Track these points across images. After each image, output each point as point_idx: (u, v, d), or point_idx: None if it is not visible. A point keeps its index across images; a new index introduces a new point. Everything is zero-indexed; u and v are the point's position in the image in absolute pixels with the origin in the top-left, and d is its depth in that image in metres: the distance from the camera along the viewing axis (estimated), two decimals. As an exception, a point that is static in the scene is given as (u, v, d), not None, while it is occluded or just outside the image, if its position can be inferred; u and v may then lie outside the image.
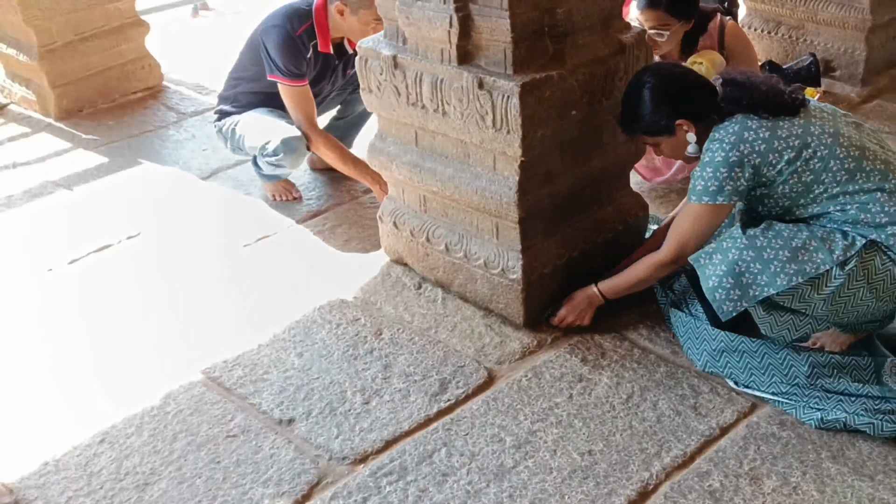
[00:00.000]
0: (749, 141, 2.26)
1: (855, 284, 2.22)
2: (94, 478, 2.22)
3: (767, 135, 2.26)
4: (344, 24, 3.25)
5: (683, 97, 2.40)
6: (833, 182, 2.25)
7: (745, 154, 2.26)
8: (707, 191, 2.31)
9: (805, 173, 2.26)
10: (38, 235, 3.44)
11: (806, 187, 2.27)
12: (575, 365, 2.50)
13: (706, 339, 2.48)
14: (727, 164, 2.26)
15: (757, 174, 2.27)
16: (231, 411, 2.41)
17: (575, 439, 2.24)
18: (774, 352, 2.39)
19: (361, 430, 2.31)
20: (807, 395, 2.31)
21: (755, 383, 2.37)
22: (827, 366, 2.35)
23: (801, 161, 2.25)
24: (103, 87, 4.64)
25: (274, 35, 3.26)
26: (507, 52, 2.35)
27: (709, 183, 2.30)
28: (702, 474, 2.12)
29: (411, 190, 2.82)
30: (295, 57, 3.26)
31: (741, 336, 2.43)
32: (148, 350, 2.71)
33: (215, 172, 3.87)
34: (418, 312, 2.78)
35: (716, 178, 2.29)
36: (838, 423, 2.23)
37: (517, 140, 2.36)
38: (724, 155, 2.27)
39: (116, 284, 3.07)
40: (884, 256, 2.22)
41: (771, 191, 2.31)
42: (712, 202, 2.31)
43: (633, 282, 2.57)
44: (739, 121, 2.30)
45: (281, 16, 3.29)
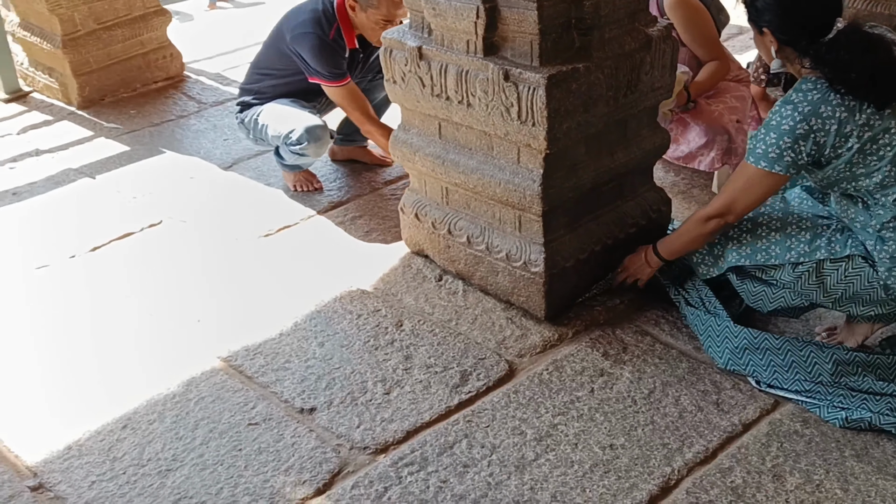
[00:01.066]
0: (823, 116, 2.13)
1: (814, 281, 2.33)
2: (117, 462, 2.24)
3: (844, 116, 2.12)
4: (356, 19, 3.26)
5: (781, 8, 2.19)
6: (879, 184, 2.19)
7: (815, 129, 2.14)
8: (766, 156, 2.21)
9: (858, 166, 2.18)
10: (61, 222, 3.46)
11: (852, 177, 2.21)
12: (596, 359, 2.50)
13: (728, 336, 2.46)
14: (793, 135, 2.15)
15: (819, 152, 2.17)
16: (253, 399, 2.42)
17: (596, 433, 2.24)
18: (798, 349, 2.37)
19: (383, 420, 2.32)
20: (831, 393, 2.30)
21: (778, 381, 2.36)
22: (851, 363, 2.33)
23: (862, 154, 2.16)
24: (125, 76, 4.67)
25: (308, 43, 3.26)
26: (533, 44, 2.35)
27: (769, 149, 2.20)
28: (724, 470, 2.11)
29: (433, 182, 2.82)
30: (334, 59, 3.30)
31: (764, 333, 2.42)
32: (169, 337, 2.72)
33: (236, 162, 3.88)
34: (439, 304, 2.78)
35: (778, 145, 2.18)
36: (863, 422, 2.21)
37: (542, 132, 2.36)
38: (793, 124, 2.15)
39: (138, 272, 3.09)
40: (873, 273, 2.24)
41: (819, 170, 2.24)
42: (769, 169, 2.22)
43: (685, 238, 2.52)
44: (823, 91, 2.14)
45: (310, 22, 3.28)
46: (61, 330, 2.80)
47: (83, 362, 2.64)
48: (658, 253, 2.61)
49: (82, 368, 2.61)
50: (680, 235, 2.55)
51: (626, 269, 2.71)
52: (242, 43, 5.37)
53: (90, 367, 2.61)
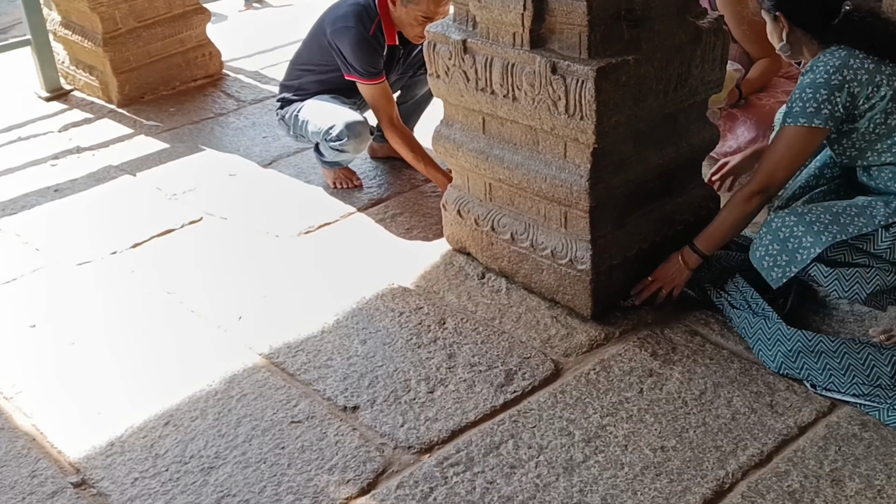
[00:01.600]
0: (853, 68, 2.27)
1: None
2: (160, 459, 2.22)
3: (872, 66, 2.28)
4: (395, 14, 3.23)
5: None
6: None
7: (847, 80, 2.26)
8: (805, 112, 2.29)
9: (892, 116, 2.29)
10: (102, 219, 3.47)
11: (888, 130, 2.30)
12: (645, 359, 2.44)
13: (780, 339, 2.38)
14: (829, 86, 2.26)
15: (853, 103, 2.28)
16: (295, 397, 2.39)
17: (646, 435, 2.18)
18: (855, 351, 2.29)
19: (427, 419, 2.28)
20: (891, 396, 2.22)
21: (835, 384, 2.28)
22: None
23: (893, 102, 2.27)
24: (165, 74, 4.68)
25: (348, 37, 3.24)
26: (581, 35, 2.30)
27: (807, 104, 2.28)
28: (780, 474, 2.05)
29: (477, 178, 2.78)
30: (372, 56, 3.26)
31: (819, 335, 2.34)
32: (210, 334, 2.71)
33: (276, 160, 3.87)
34: (482, 302, 2.74)
35: (816, 99, 2.27)
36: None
37: (591, 126, 2.30)
38: (826, 77, 2.27)
39: (178, 268, 3.08)
40: None
41: (857, 125, 2.32)
42: (809, 124, 2.29)
43: (728, 224, 2.49)
44: (847, 49, 2.30)
45: (351, 16, 3.26)
46: (102, 326, 2.80)
47: (124, 359, 2.63)
48: (697, 249, 2.53)
49: (124, 365, 2.60)
50: (721, 223, 2.51)
51: (656, 281, 2.59)
52: (280, 41, 5.37)
53: (132, 364, 2.60)
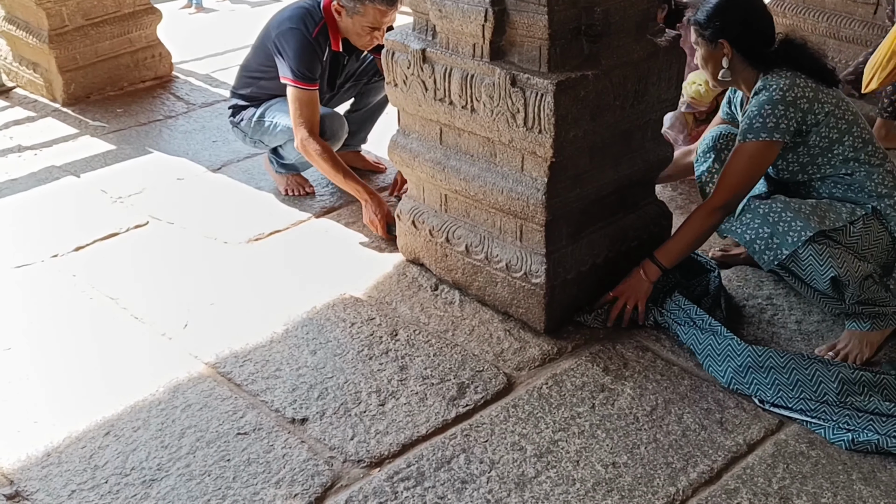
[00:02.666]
0: (801, 86, 2.43)
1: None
2: (99, 471, 2.14)
3: (814, 85, 2.46)
4: (342, 24, 3.20)
5: (740, 21, 2.51)
6: (851, 147, 2.46)
7: (798, 97, 2.42)
8: (765, 127, 2.41)
9: (833, 130, 2.45)
10: (43, 221, 3.35)
11: (830, 143, 2.46)
12: (597, 374, 2.43)
13: (730, 355, 2.41)
14: (784, 102, 2.41)
15: (804, 118, 2.43)
16: (242, 408, 2.33)
17: (598, 450, 2.17)
18: (803, 367, 2.33)
19: (377, 432, 2.24)
20: (836, 413, 2.25)
21: (783, 400, 2.31)
22: (857, 383, 2.29)
23: (834, 118, 2.44)
24: (113, 74, 4.57)
25: (291, 38, 3.19)
26: (542, 49, 2.29)
27: (767, 119, 2.41)
28: (730, 492, 2.05)
29: (432, 188, 2.75)
30: (311, 60, 3.19)
31: (769, 350, 2.37)
32: (154, 341, 2.63)
33: (225, 164, 3.80)
34: (435, 314, 2.71)
35: (774, 114, 2.41)
36: (870, 444, 2.17)
37: (549, 140, 2.30)
38: (781, 93, 2.41)
39: (122, 273, 2.99)
40: (879, 225, 2.44)
41: (806, 139, 2.46)
42: (769, 138, 2.42)
43: (690, 237, 2.57)
44: (790, 72, 2.47)
45: (296, 18, 3.22)
46: (41, 332, 2.70)
47: (64, 366, 2.54)
48: (658, 262, 2.58)
49: (63, 372, 2.51)
50: (682, 237, 2.58)
51: (621, 295, 2.61)
52: (233, 44, 5.30)
53: (71, 371, 2.51)
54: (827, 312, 2.61)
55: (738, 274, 2.86)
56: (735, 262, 2.93)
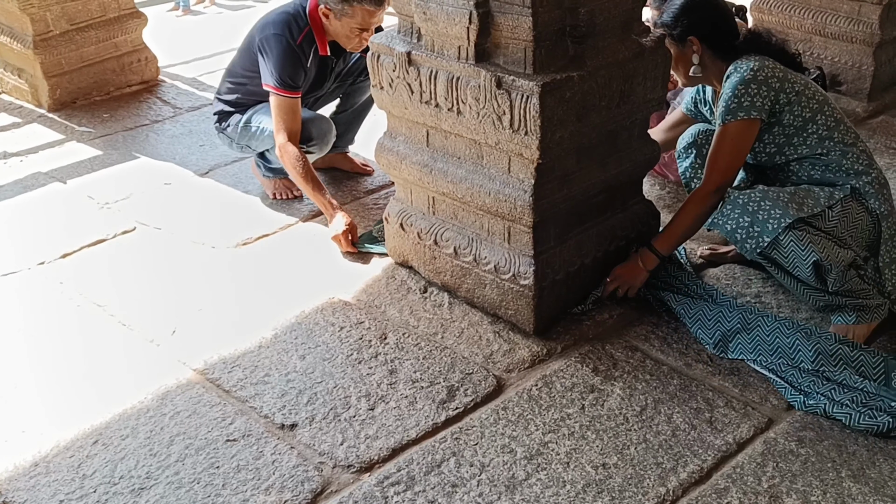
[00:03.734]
0: (769, 67, 2.51)
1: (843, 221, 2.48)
2: (87, 480, 2.13)
3: (782, 68, 2.54)
4: (330, 27, 3.19)
5: (706, 18, 2.61)
6: (824, 126, 2.52)
7: (768, 77, 2.49)
8: (741, 106, 2.48)
9: (806, 109, 2.51)
10: (30, 228, 3.34)
11: (804, 122, 2.52)
12: (586, 375, 2.43)
13: (720, 321, 2.51)
14: (756, 81, 2.47)
15: (776, 98, 2.49)
16: (231, 414, 2.32)
17: (588, 452, 2.17)
18: (786, 335, 2.43)
19: (367, 437, 2.23)
20: (804, 377, 2.34)
21: (760, 361, 2.42)
22: (833, 356, 2.36)
23: (805, 97, 2.51)
24: (99, 79, 4.55)
25: (275, 44, 3.17)
26: (527, 51, 2.29)
27: (742, 99, 2.47)
28: (720, 491, 2.06)
29: (420, 191, 2.75)
30: (294, 68, 3.18)
31: (759, 317, 2.49)
32: (142, 349, 2.62)
33: (213, 169, 3.78)
34: (424, 317, 2.70)
35: (748, 93, 2.47)
36: (818, 408, 2.26)
37: (535, 142, 2.30)
38: (752, 73, 2.48)
39: (110, 280, 2.98)
40: (859, 206, 2.48)
41: (780, 118, 2.52)
42: (747, 116, 2.48)
43: (686, 224, 2.62)
44: (758, 56, 2.54)
45: (280, 23, 3.20)
46: (28, 340, 2.69)
47: (51, 374, 2.52)
48: (655, 250, 2.63)
49: (50, 381, 2.50)
50: (679, 224, 2.63)
51: (617, 279, 2.67)
52: (219, 48, 5.28)
53: (59, 380, 2.50)
54: (814, 308, 2.62)
55: (726, 272, 2.87)
56: (723, 261, 2.94)
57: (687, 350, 2.53)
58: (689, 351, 2.52)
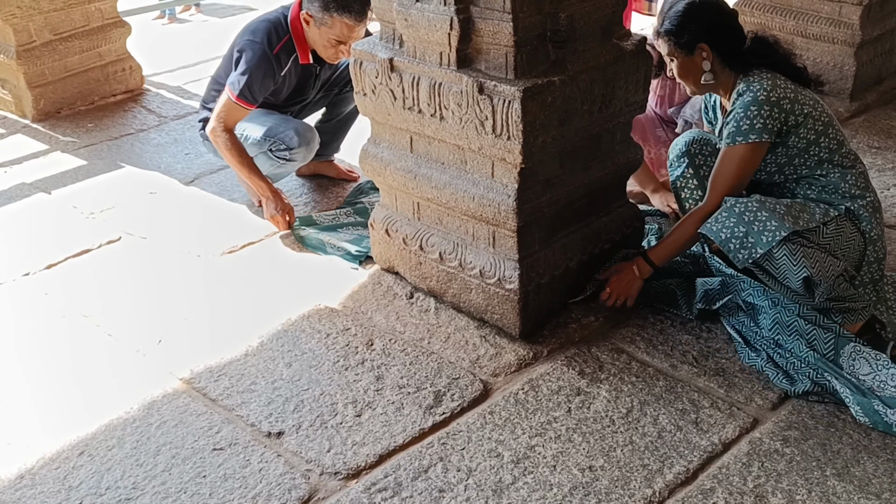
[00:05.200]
0: (782, 87, 2.47)
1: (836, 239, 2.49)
2: (73, 492, 2.12)
3: (793, 86, 2.50)
4: (309, 34, 3.19)
5: (715, 23, 2.54)
6: (826, 148, 2.50)
7: (781, 98, 2.45)
8: (753, 128, 2.44)
9: (811, 132, 2.48)
10: (14, 239, 3.32)
11: (808, 145, 2.49)
12: (572, 378, 2.44)
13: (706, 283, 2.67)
14: (769, 103, 2.44)
15: (786, 119, 2.45)
16: (217, 423, 2.32)
17: (575, 454, 2.18)
18: (756, 298, 2.54)
19: (354, 443, 2.23)
20: (759, 338, 2.50)
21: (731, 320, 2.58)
22: (789, 327, 2.45)
23: (812, 119, 2.47)
24: (83, 89, 4.54)
25: (250, 52, 3.18)
26: (508, 56, 2.30)
27: (754, 121, 2.44)
28: (706, 491, 2.07)
29: (405, 197, 2.75)
30: (263, 80, 3.18)
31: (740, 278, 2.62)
32: (128, 359, 2.61)
33: (198, 177, 3.78)
34: (410, 322, 2.71)
35: (760, 115, 2.43)
36: (756, 364, 2.44)
37: (518, 146, 2.31)
38: (765, 95, 2.44)
39: (95, 290, 2.97)
40: (852, 226, 2.48)
41: (784, 140, 2.49)
42: (757, 139, 2.44)
43: (683, 240, 2.62)
44: (768, 75, 2.50)
45: (260, 31, 3.21)
46: (13, 351, 2.68)
47: (37, 385, 2.51)
48: (650, 261, 2.64)
49: (36, 392, 2.49)
50: (676, 239, 2.64)
51: (614, 291, 2.66)
52: (203, 56, 5.28)
53: (44, 391, 2.49)
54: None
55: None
56: None
57: (672, 352, 2.54)
58: (675, 353, 2.53)
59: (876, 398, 2.26)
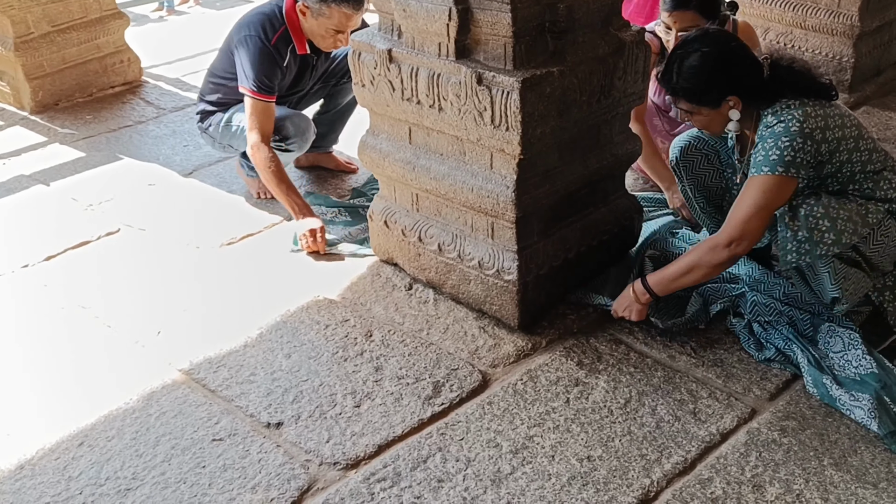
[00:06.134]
0: (813, 117, 2.28)
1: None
2: (73, 482, 2.13)
3: (822, 111, 2.31)
4: (306, 24, 3.19)
5: (739, 72, 2.36)
6: (858, 162, 2.34)
7: (813, 129, 2.27)
8: (782, 160, 2.25)
9: (843, 153, 2.32)
10: (13, 231, 3.32)
11: (840, 166, 2.34)
12: (571, 368, 2.45)
13: None
14: (802, 134, 2.26)
15: (818, 150, 2.29)
16: (216, 414, 2.33)
17: (573, 445, 2.19)
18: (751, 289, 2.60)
19: (353, 434, 2.24)
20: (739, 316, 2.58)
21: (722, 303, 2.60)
22: (769, 307, 2.53)
23: (843, 143, 2.31)
24: (81, 81, 4.53)
25: (249, 45, 3.17)
26: (507, 47, 2.30)
27: (784, 152, 2.25)
28: (703, 481, 2.07)
29: (403, 188, 2.75)
30: (269, 69, 3.17)
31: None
32: (127, 350, 2.62)
33: (197, 169, 3.78)
34: (409, 314, 2.71)
35: (792, 146, 2.25)
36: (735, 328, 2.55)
37: (516, 137, 2.31)
38: (798, 126, 2.26)
39: (94, 282, 2.97)
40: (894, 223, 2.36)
41: (818, 171, 2.33)
42: (785, 174, 2.25)
43: (686, 270, 2.41)
44: (794, 105, 2.31)
45: (255, 24, 3.20)
46: (13, 343, 2.68)
47: (36, 377, 2.52)
48: (648, 287, 2.48)
49: (35, 383, 2.49)
50: (679, 268, 2.43)
51: (621, 302, 2.58)
52: (202, 48, 5.26)
53: (44, 382, 2.49)
54: None
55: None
56: None
57: (671, 342, 2.54)
58: (673, 343, 2.54)
59: (831, 375, 2.32)
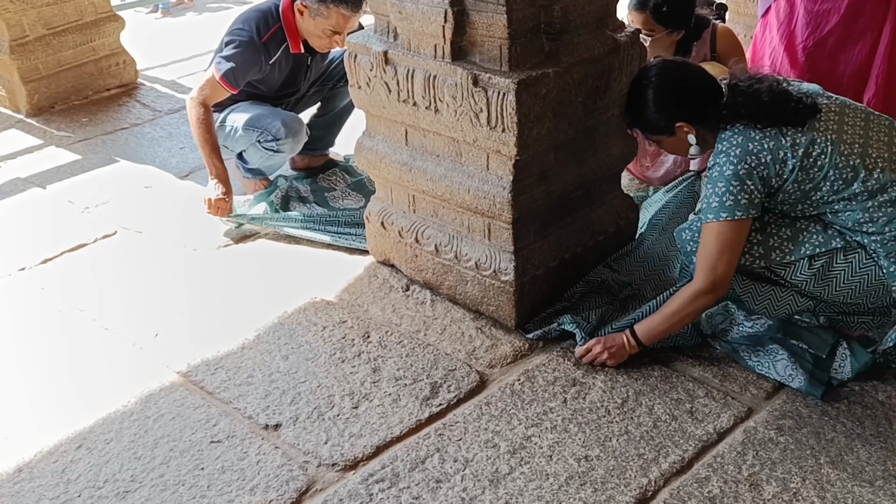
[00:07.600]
0: (755, 153, 2.23)
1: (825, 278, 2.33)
2: (72, 485, 2.13)
3: (772, 145, 2.24)
4: (303, 24, 3.20)
5: (685, 100, 2.36)
6: (830, 190, 2.27)
7: (753, 166, 2.23)
8: (724, 206, 2.25)
9: (805, 182, 2.26)
10: (9, 234, 3.33)
11: (804, 195, 2.29)
12: (568, 369, 2.45)
13: None
14: (738, 178, 2.23)
15: (765, 184, 2.25)
16: (214, 416, 2.33)
17: (571, 444, 2.19)
18: None
19: (351, 435, 2.24)
20: None
21: None
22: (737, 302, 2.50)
23: (803, 171, 2.24)
24: (77, 83, 4.53)
25: (238, 38, 3.19)
26: (502, 48, 2.30)
27: (724, 198, 2.25)
28: (701, 480, 2.08)
29: (400, 189, 2.76)
30: (245, 67, 3.19)
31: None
32: (125, 352, 2.62)
33: (193, 171, 3.78)
34: (406, 315, 2.72)
35: (730, 192, 2.24)
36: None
37: (512, 138, 2.31)
38: (733, 169, 2.23)
39: (91, 285, 2.97)
40: (866, 257, 2.30)
41: (773, 199, 2.31)
42: (731, 217, 2.25)
43: (670, 320, 2.38)
44: (743, 132, 2.26)
45: (250, 20, 3.22)
46: (10, 346, 2.68)
47: (34, 380, 2.52)
48: (637, 338, 2.43)
49: (33, 386, 2.49)
50: (664, 319, 2.40)
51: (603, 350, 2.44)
52: (197, 50, 5.27)
53: (42, 385, 2.49)
54: None
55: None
56: None
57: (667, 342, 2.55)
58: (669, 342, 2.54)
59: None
